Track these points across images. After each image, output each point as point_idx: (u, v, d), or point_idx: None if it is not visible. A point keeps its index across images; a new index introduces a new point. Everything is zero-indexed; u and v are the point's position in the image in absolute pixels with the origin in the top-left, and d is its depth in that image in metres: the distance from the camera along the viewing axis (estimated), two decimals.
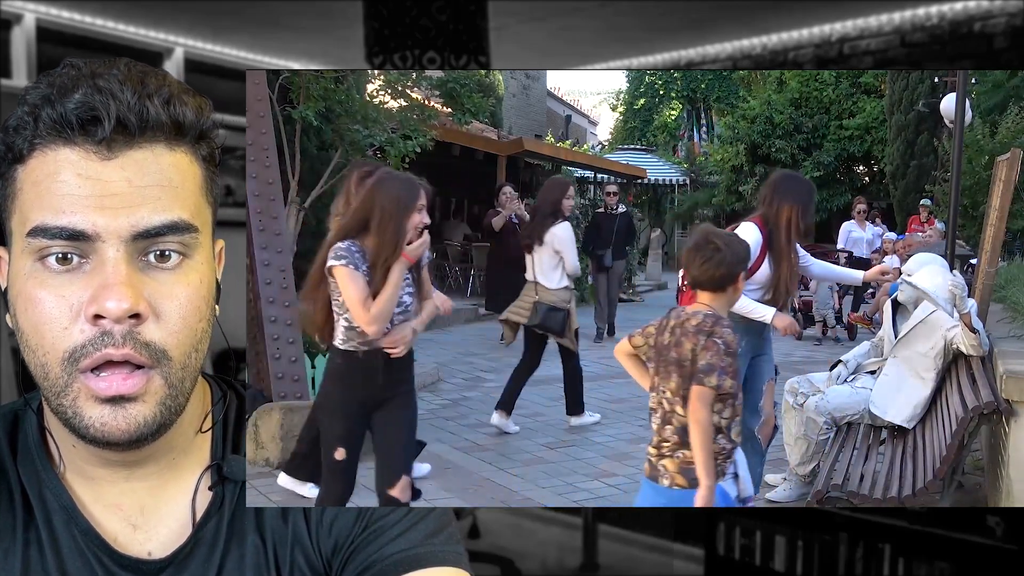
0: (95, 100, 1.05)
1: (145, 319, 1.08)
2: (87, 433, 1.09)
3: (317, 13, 4.71)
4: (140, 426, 1.10)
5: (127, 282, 1.06)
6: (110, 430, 1.09)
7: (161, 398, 1.11)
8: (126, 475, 1.17)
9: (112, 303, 1.05)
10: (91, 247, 1.06)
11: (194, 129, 1.12)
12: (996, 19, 3.88)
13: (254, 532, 1.21)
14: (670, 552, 4.34)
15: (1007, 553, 3.11)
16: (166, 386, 1.11)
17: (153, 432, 1.11)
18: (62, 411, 1.09)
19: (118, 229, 1.06)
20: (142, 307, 1.07)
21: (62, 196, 1.06)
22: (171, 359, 1.11)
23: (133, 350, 1.07)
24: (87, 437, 1.09)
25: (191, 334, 1.12)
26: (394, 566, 1.18)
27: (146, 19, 4.95)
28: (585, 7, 4.56)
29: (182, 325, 1.11)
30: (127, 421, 1.09)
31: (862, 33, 4.46)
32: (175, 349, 1.11)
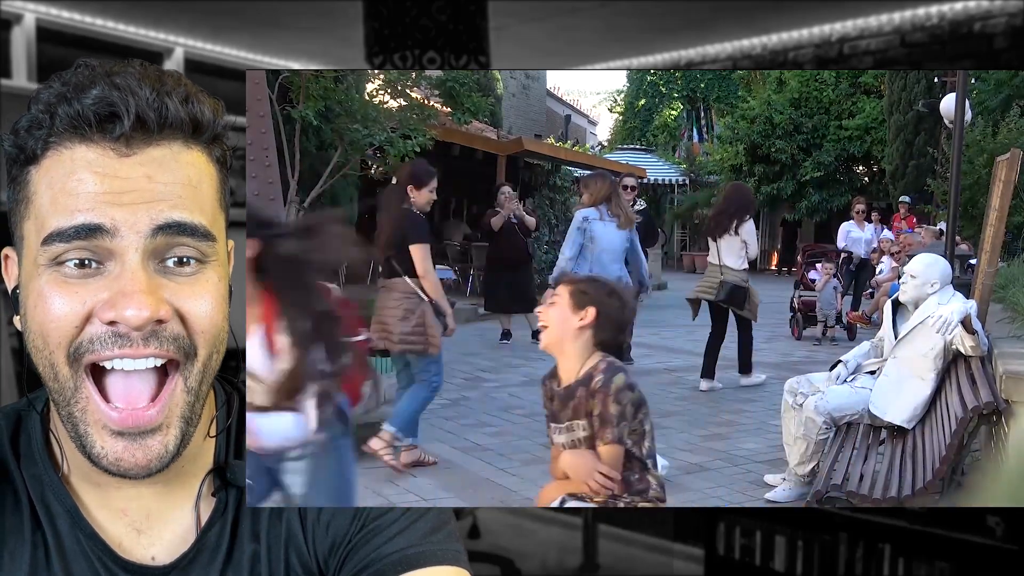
0: (113, 96, 1.03)
1: (168, 320, 1.05)
2: (98, 463, 1.06)
3: (317, 13, 4.71)
4: (161, 457, 1.07)
5: (147, 289, 1.03)
6: (126, 465, 1.06)
7: (181, 414, 1.08)
8: (134, 481, 1.14)
9: (132, 311, 1.02)
10: (109, 247, 1.03)
11: (211, 129, 1.11)
12: (996, 19, 3.89)
13: (250, 537, 1.20)
14: (670, 552, 4.34)
15: (1007, 553, 3.12)
16: (186, 394, 1.08)
17: (171, 459, 1.09)
18: (72, 423, 1.07)
19: (137, 224, 1.03)
20: (163, 312, 1.04)
21: (78, 195, 1.03)
22: (198, 356, 1.09)
23: (159, 348, 1.05)
24: (98, 466, 1.07)
25: (216, 332, 1.10)
26: (392, 565, 1.16)
27: (146, 19, 4.95)
28: (585, 7, 4.56)
29: (209, 323, 1.09)
30: (146, 456, 1.07)
31: (862, 33, 4.46)
32: (203, 347, 1.09)
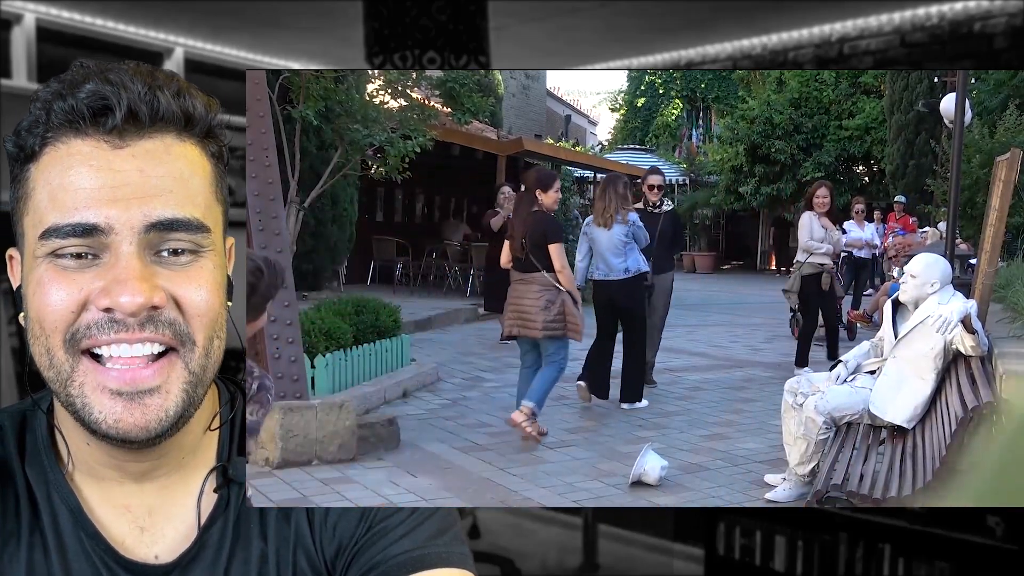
0: (106, 90, 1.05)
1: (163, 307, 1.07)
2: (98, 429, 1.07)
3: (317, 13, 4.71)
4: (160, 420, 1.08)
5: (141, 276, 1.05)
6: (125, 426, 1.07)
7: (183, 385, 1.09)
8: (137, 475, 1.15)
9: (126, 298, 1.04)
10: (104, 242, 1.06)
11: (203, 122, 1.12)
12: (996, 19, 3.89)
13: (259, 536, 1.20)
14: (670, 552, 4.34)
15: (1007, 553, 3.12)
16: (187, 372, 1.09)
17: (173, 425, 1.09)
18: (70, 403, 1.08)
19: (131, 221, 1.05)
20: (158, 298, 1.06)
21: (74, 192, 1.05)
22: (195, 343, 1.09)
23: (155, 332, 1.06)
24: (99, 433, 1.07)
25: (213, 317, 1.11)
26: (398, 567, 1.17)
27: (146, 19, 4.95)
28: (585, 7, 4.57)
29: (206, 307, 1.10)
30: (145, 416, 1.07)
31: (862, 33, 4.46)
32: (199, 332, 1.09)
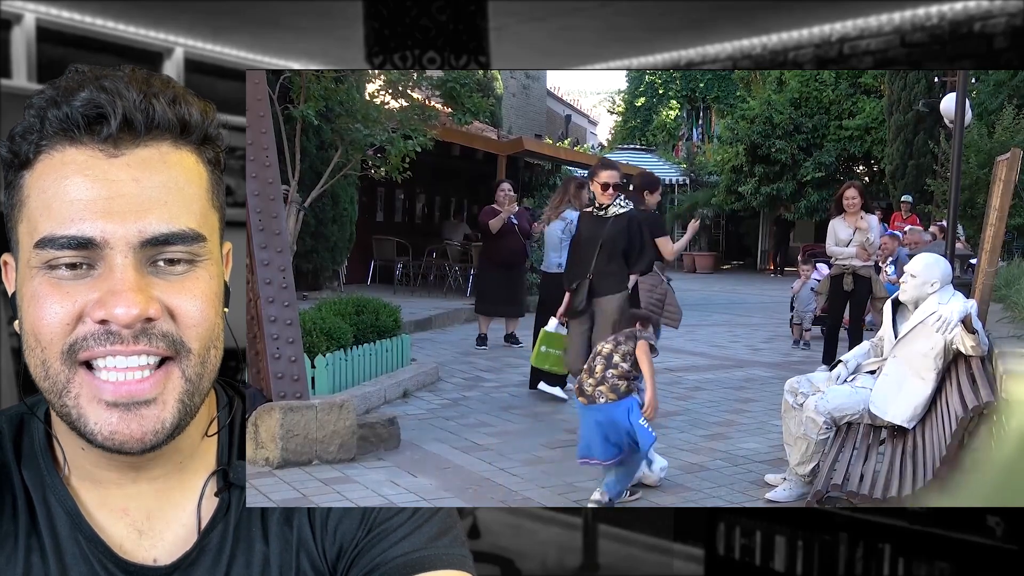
0: (100, 98, 1.04)
1: (158, 319, 1.06)
2: (94, 440, 1.07)
3: (317, 13, 4.71)
4: (157, 432, 1.08)
5: (135, 288, 1.04)
6: (121, 438, 1.06)
7: (179, 395, 1.09)
8: (134, 477, 1.15)
9: (121, 309, 1.03)
10: (99, 254, 1.05)
11: (199, 129, 1.12)
12: (996, 19, 3.89)
13: (260, 539, 1.19)
14: (670, 552, 4.34)
15: (1007, 553, 3.12)
16: (184, 381, 1.09)
17: (168, 436, 1.08)
18: (66, 413, 1.07)
19: (126, 235, 1.05)
20: (153, 310, 1.06)
21: (70, 202, 1.04)
22: (191, 351, 1.09)
23: (149, 344, 1.06)
24: (94, 444, 1.07)
25: (209, 327, 1.11)
26: (399, 569, 1.17)
27: (146, 19, 4.95)
28: (585, 7, 4.57)
29: (200, 318, 1.09)
30: (141, 427, 1.07)
31: (862, 33, 4.46)
32: (194, 342, 1.09)
